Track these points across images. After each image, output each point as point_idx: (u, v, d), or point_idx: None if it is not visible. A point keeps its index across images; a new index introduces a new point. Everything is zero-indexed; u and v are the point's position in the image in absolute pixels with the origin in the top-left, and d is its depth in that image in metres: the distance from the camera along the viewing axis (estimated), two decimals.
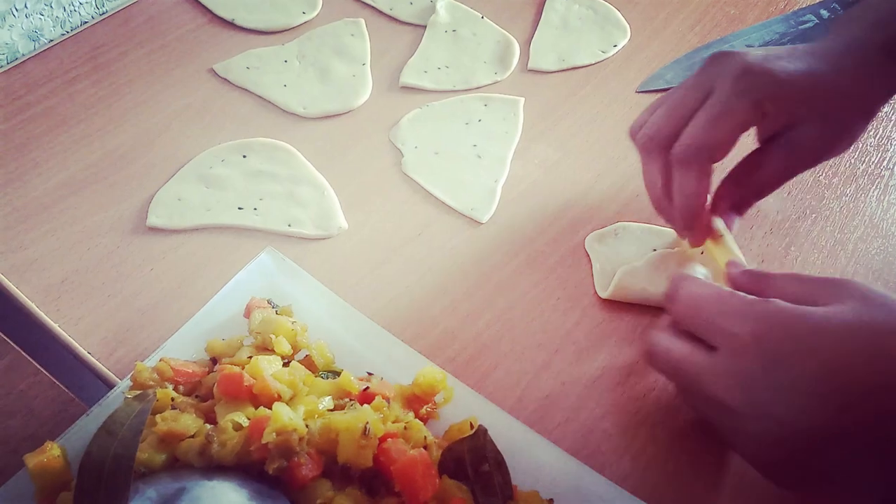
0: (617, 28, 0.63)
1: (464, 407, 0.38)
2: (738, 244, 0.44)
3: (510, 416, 0.38)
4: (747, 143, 0.44)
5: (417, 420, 0.34)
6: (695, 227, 0.43)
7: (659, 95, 0.47)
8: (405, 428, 0.33)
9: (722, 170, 0.45)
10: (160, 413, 0.33)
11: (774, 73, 0.41)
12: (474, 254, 0.48)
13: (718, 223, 0.44)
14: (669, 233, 0.48)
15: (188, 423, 0.32)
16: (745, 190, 0.45)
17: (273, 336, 0.37)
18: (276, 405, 0.31)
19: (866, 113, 0.43)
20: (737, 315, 0.34)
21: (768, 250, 0.49)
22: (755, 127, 0.44)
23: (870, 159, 0.55)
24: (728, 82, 0.41)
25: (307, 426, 0.31)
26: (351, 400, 0.34)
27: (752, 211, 0.51)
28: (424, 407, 0.36)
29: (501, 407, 0.40)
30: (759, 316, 0.34)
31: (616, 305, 0.46)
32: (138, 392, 0.33)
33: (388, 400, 0.34)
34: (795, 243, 0.50)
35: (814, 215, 0.52)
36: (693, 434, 0.40)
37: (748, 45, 0.62)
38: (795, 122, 0.42)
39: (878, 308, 0.33)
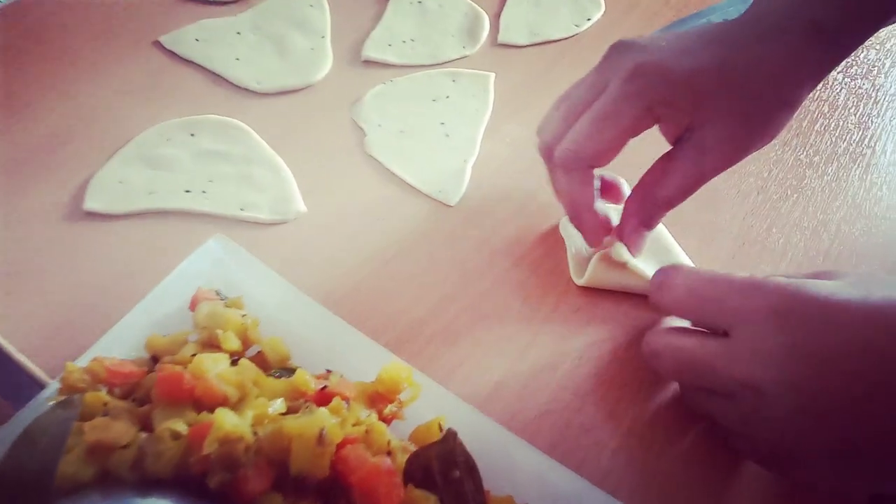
0: (590, 0, 0.60)
1: (431, 404, 0.35)
2: (719, 225, 0.41)
3: (482, 415, 0.35)
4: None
5: (380, 422, 0.31)
6: (585, 229, 0.41)
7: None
8: (366, 432, 0.30)
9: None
10: (91, 420, 0.30)
11: (669, 73, 0.36)
12: (443, 239, 0.45)
13: (621, 251, 0.40)
14: None
15: (121, 431, 0.29)
16: (653, 201, 0.40)
17: (220, 331, 0.34)
18: (220, 411, 0.28)
19: (789, 103, 0.38)
20: (748, 292, 0.33)
21: (749, 232, 0.47)
22: (660, 128, 0.40)
23: (851, 137, 0.53)
24: (617, 83, 0.37)
25: (255, 433, 0.28)
26: (307, 401, 0.31)
27: (731, 192, 0.49)
28: (388, 406, 0.33)
29: (473, 401, 0.37)
30: (771, 291, 0.32)
31: (593, 291, 0.43)
32: (63, 398, 0.29)
33: (347, 401, 0.31)
34: (777, 224, 0.48)
35: (795, 195, 0.49)
36: (675, 428, 0.38)
37: (726, 20, 0.60)
38: (700, 123, 0.37)
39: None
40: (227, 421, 0.27)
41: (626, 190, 0.43)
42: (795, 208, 0.49)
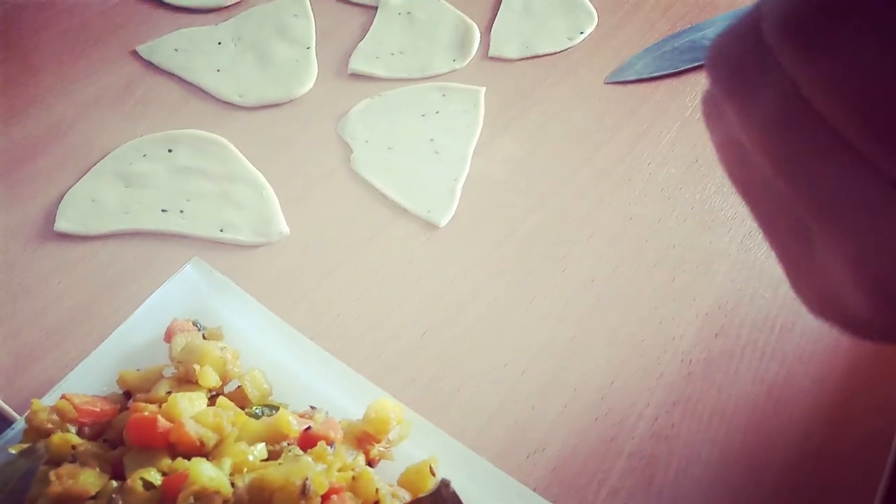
0: (583, 13, 0.59)
1: (421, 443, 0.33)
2: (718, 248, 0.40)
3: (475, 454, 0.33)
4: None
5: (368, 468, 0.29)
6: None
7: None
8: (353, 479, 0.28)
9: None
10: (58, 465, 0.28)
11: None
12: (432, 261, 0.43)
13: None
14: None
15: (89, 480, 0.27)
16: None
17: (198, 366, 0.32)
18: (195, 461, 0.26)
19: None
20: None
21: (748, 255, 0.46)
22: None
23: None
24: None
25: (234, 484, 0.26)
26: (290, 444, 0.29)
27: (728, 214, 0.47)
28: (376, 447, 0.31)
29: (465, 437, 0.35)
30: None
31: (588, 315, 0.41)
32: (25, 446, 0.27)
33: (332, 444, 0.29)
34: None
35: None
36: (674, 464, 0.36)
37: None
38: None
39: None
40: (203, 473, 0.25)
41: None
42: None
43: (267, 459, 0.29)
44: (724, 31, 0.19)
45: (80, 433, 0.30)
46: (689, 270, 0.43)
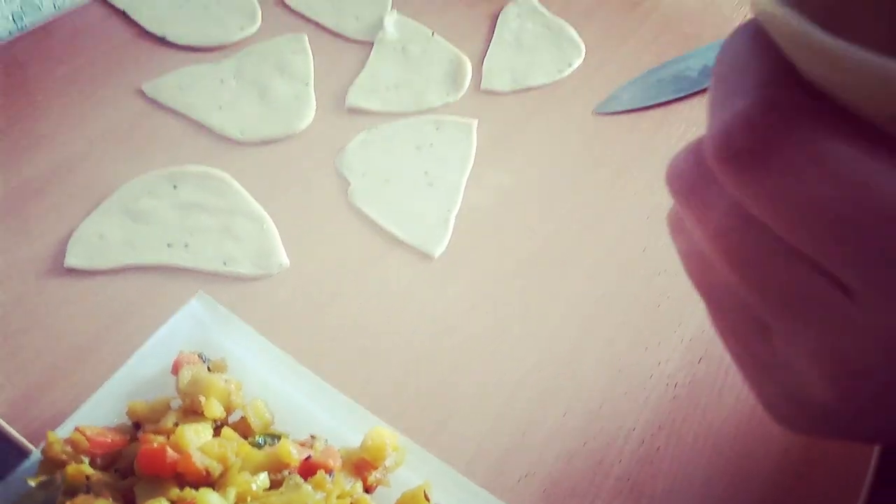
0: (572, 46, 0.61)
1: (416, 469, 0.34)
2: None
3: (466, 480, 0.35)
4: None
5: (365, 494, 0.31)
6: None
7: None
8: None
9: None
10: (73, 495, 0.29)
11: None
12: (426, 291, 0.45)
13: None
14: None
15: None
16: None
17: (203, 398, 0.33)
18: (202, 491, 0.27)
19: None
20: None
21: None
22: None
23: None
24: None
25: None
26: (290, 472, 0.31)
27: None
28: (373, 473, 0.33)
29: (457, 463, 0.37)
30: None
31: (577, 341, 0.43)
32: (43, 478, 0.29)
33: (331, 472, 0.31)
34: None
35: None
36: (660, 485, 0.38)
37: (705, 66, 0.61)
38: None
39: None
40: (209, 502, 0.27)
41: None
42: None
43: (270, 488, 0.30)
44: (680, 152, 0.21)
45: (92, 463, 0.32)
46: (674, 297, 0.45)
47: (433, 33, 0.60)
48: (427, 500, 0.31)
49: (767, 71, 0.18)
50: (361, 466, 0.33)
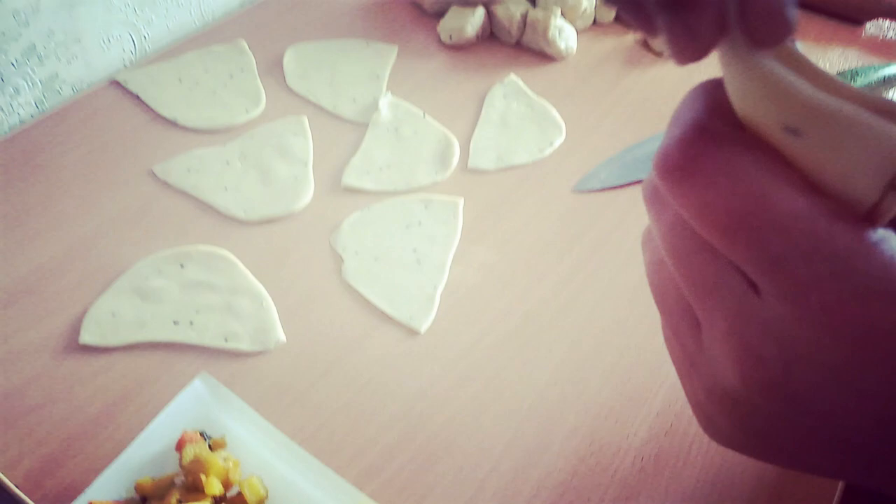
0: (553, 126, 0.65)
1: None
2: None
3: None
4: None
5: None
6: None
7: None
8: None
9: None
10: None
11: None
12: (412, 366, 0.49)
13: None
14: None
15: None
16: None
17: (204, 476, 0.37)
18: None
19: None
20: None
21: None
22: None
23: None
24: None
25: None
26: None
27: None
28: None
29: None
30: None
31: (553, 416, 0.46)
32: None
33: None
34: None
35: None
36: None
37: None
38: None
39: None
40: None
41: None
42: None
43: None
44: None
45: None
46: (643, 371, 0.48)
47: (424, 114, 0.65)
48: None
49: (701, 108, 0.23)
50: None
